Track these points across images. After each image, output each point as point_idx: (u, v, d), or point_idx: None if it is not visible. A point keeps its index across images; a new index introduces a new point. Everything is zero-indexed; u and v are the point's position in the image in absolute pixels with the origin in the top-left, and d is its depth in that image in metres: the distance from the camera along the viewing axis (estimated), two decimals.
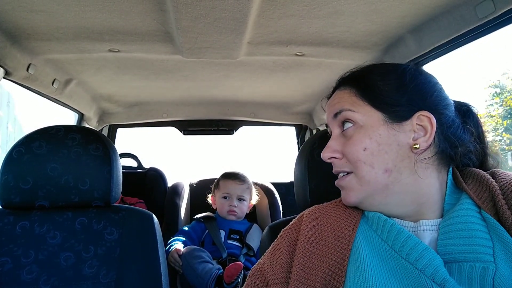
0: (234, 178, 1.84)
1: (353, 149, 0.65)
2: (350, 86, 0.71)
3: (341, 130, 0.70)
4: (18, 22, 1.07)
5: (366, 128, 0.65)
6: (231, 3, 0.94)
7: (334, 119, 0.71)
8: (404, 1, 0.96)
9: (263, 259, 0.72)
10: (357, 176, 0.66)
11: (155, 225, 1.05)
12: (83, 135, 1.05)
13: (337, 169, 0.70)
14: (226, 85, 1.82)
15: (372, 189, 0.65)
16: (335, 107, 0.71)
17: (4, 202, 1.00)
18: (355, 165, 0.65)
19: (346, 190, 0.68)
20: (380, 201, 0.66)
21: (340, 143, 0.69)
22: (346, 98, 0.70)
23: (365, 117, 0.66)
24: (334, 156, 0.69)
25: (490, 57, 24.03)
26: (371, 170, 0.64)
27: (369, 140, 0.64)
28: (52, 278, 0.95)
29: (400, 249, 0.61)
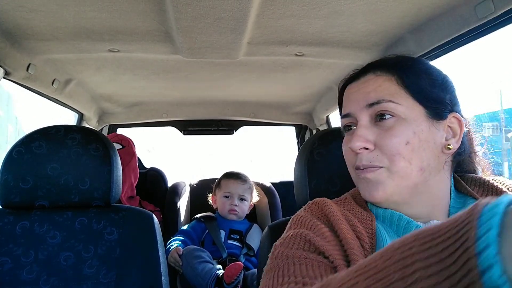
0: (235, 177, 1.85)
1: (393, 141, 0.60)
2: (391, 73, 0.65)
3: (373, 119, 0.64)
4: (18, 22, 1.07)
5: (408, 121, 0.61)
6: (231, 3, 0.94)
7: (367, 108, 0.64)
8: (404, 1, 0.96)
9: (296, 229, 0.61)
10: (390, 170, 0.61)
11: (155, 225, 1.05)
12: (83, 135, 1.05)
13: (366, 162, 0.62)
14: (226, 85, 1.82)
15: (403, 186, 0.61)
16: (370, 96, 0.64)
17: (4, 202, 1.01)
18: (392, 158, 0.60)
19: (374, 184, 0.62)
20: (403, 200, 0.63)
21: (373, 133, 0.62)
22: (385, 86, 0.64)
23: (408, 110, 0.62)
24: (366, 147, 0.62)
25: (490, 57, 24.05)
26: (408, 166, 0.60)
27: (412, 134, 0.60)
28: (52, 278, 0.95)
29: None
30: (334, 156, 0.92)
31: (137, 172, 1.85)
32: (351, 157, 0.66)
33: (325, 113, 2.15)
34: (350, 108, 0.67)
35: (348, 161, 0.68)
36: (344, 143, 0.70)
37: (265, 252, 0.93)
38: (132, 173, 1.78)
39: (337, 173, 0.91)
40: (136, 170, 1.84)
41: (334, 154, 0.92)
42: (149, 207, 1.86)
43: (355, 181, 0.68)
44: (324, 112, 2.14)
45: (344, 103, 0.70)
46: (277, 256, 0.57)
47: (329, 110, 2.10)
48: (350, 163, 0.67)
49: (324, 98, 2.03)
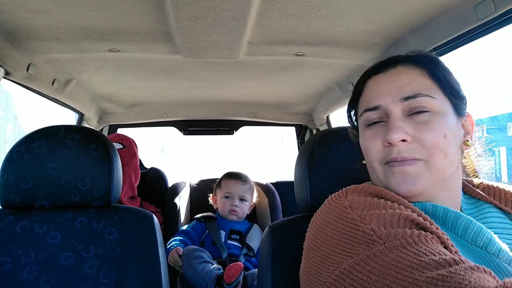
0: (236, 178, 1.85)
1: (433, 135, 0.60)
2: (420, 66, 0.64)
3: (405, 113, 0.63)
4: (18, 22, 1.07)
5: (443, 115, 0.62)
6: (231, 3, 0.94)
7: (401, 101, 0.62)
8: (404, 1, 0.96)
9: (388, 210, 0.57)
10: (428, 163, 0.60)
11: (155, 225, 1.05)
12: (83, 135, 1.05)
13: (406, 154, 0.61)
14: (226, 85, 1.82)
15: (438, 179, 0.61)
16: (405, 89, 0.63)
17: (4, 202, 1.00)
18: (431, 151, 0.60)
19: (412, 177, 0.61)
20: (435, 194, 0.63)
21: (410, 126, 0.61)
22: (419, 80, 0.63)
23: (441, 104, 0.62)
24: (405, 139, 0.61)
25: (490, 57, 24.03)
26: (444, 160, 0.60)
27: (448, 127, 0.61)
28: (52, 278, 0.95)
29: (462, 232, 0.58)
30: (334, 156, 0.92)
31: (138, 172, 1.84)
32: (379, 152, 0.64)
33: (325, 113, 2.15)
34: (380, 100, 0.64)
35: (374, 155, 0.65)
36: (366, 139, 0.67)
37: (265, 252, 0.93)
38: (132, 173, 1.78)
39: (337, 173, 0.91)
40: (137, 170, 1.84)
41: (334, 154, 0.92)
42: (150, 208, 1.85)
43: (383, 176, 0.64)
44: (324, 112, 2.14)
45: (370, 95, 0.67)
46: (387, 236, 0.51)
47: (329, 110, 2.10)
48: (377, 157, 0.64)
49: (324, 98, 2.03)
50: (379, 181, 0.66)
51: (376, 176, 0.66)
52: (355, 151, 0.91)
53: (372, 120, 0.66)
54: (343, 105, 1.93)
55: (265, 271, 0.90)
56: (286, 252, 0.88)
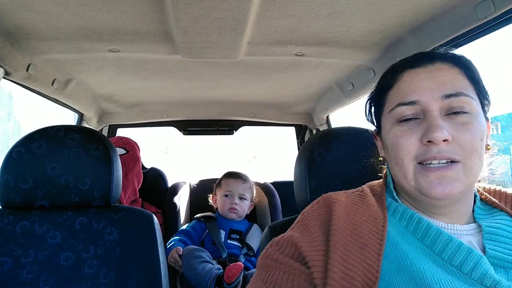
0: (236, 177, 1.86)
1: (472, 137, 0.58)
2: (459, 66, 0.62)
3: (443, 111, 0.61)
4: (18, 22, 1.07)
5: (479, 118, 0.60)
6: (231, 3, 0.94)
7: (442, 99, 0.60)
8: (404, 1, 0.96)
9: (290, 233, 0.65)
10: (465, 166, 0.59)
11: (155, 225, 1.05)
12: (83, 135, 1.05)
13: (445, 154, 0.58)
14: (226, 85, 1.82)
15: (471, 183, 0.60)
16: (446, 86, 0.60)
17: (4, 202, 1.00)
18: (469, 153, 0.58)
19: (449, 180, 0.58)
20: (462, 197, 0.62)
21: (449, 126, 0.59)
22: (460, 79, 0.61)
23: (477, 106, 0.61)
24: (447, 139, 0.58)
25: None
26: (479, 163, 0.60)
27: (483, 131, 0.60)
28: (52, 278, 0.95)
29: (440, 251, 0.58)
30: (334, 156, 0.92)
31: (140, 176, 1.84)
32: (413, 150, 0.61)
33: (325, 113, 2.15)
34: (419, 95, 0.61)
35: (407, 153, 0.62)
36: (399, 135, 0.63)
37: None
38: (135, 178, 1.78)
39: (337, 173, 0.91)
40: (140, 175, 1.84)
41: (334, 154, 0.92)
42: (151, 209, 1.85)
43: (413, 175, 0.62)
44: (324, 112, 2.14)
45: (407, 89, 0.64)
46: (268, 255, 0.63)
47: (329, 110, 2.10)
48: (411, 155, 0.61)
49: (324, 98, 2.03)
50: (407, 180, 0.63)
51: (403, 174, 0.63)
52: (354, 151, 0.91)
53: (405, 116, 0.63)
54: (343, 105, 1.93)
55: None
56: None
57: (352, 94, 1.70)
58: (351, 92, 1.69)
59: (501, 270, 0.58)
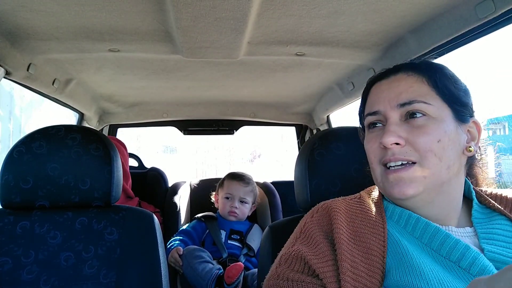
0: (239, 179, 1.84)
1: (426, 139, 0.62)
2: (421, 73, 0.67)
3: (402, 117, 0.65)
4: (18, 22, 1.07)
5: (439, 120, 0.64)
6: (231, 3, 0.94)
7: (398, 107, 0.65)
8: (404, 1, 0.96)
9: (296, 246, 0.67)
10: (422, 167, 0.62)
11: (155, 225, 1.05)
12: (84, 135, 1.05)
13: (399, 156, 0.63)
14: (226, 85, 1.82)
15: (433, 183, 0.63)
16: (401, 96, 0.65)
17: (5, 202, 1.00)
18: (424, 155, 0.62)
19: (407, 181, 0.63)
20: (429, 198, 0.65)
21: (404, 130, 0.64)
22: (416, 87, 0.65)
23: (438, 110, 0.64)
24: (398, 142, 0.63)
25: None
26: (439, 163, 0.62)
27: (443, 133, 0.63)
28: (52, 278, 0.95)
29: (438, 247, 0.61)
30: (334, 156, 0.92)
31: (127, 174, 1.83)
32: (377, 153, 0.67)
33: (326, 113, 2.15)
34: (379, 106, 0.68)
35: (374, 157, 0.68)
36: (367, 141, 0.70)
37: (265, 252, 0.93)
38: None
39: (337, 173, 0.91)
40: (127, 173, 1.83)
41: (334, 154, 0.92)
42: (149, 208, 1.85)
43: (380, 178, 0.67)
44: (324, 112, 2.14)
45: (372, 100, 0.70)
46: (279, 275, 0.64)
47: (329, 110, 2.10)
48: (375, 159, 0.67)
49: (324, 98, 2.03)
50: (377, 182, 0.69)
51: (375, 177, 0.69)
52: (355, 151, 0.91)
53: (372, 124, 0.69)
54: (343, 105, 1.93)
55: (265, 271, 0.90)
56: None
57: (353, 94, 1.70)
58: (351, 92, 1.69)
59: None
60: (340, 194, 0.82)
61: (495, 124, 3.98)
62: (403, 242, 0.62)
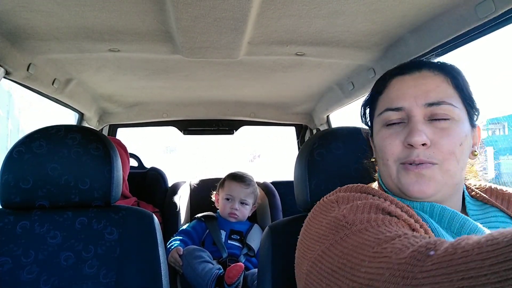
0: (239, 180, 1.83)
1: (450, 142, 0.62)
2: (445, 74, 0.66)
3: (426, 117, 0.64)
4: (18, 22, 1.07)
5: (460, 124, 0.64)
6: (231, 3, 0.94)
7: (425, 106, 0.64)
8: (404, 1, 0.96)
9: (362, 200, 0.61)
10: (442, 168, 0.63)
11: (155, 225, 1.05)
12: (83, 135, 1.05)
13: (423, 158, 0.62)
14: (226, 85, 1.82)
15: (450, 184, 0.64)
16: (430, 95, 0.64)
17: (4, 202, 1.00)
18: (446, 157, 0.62)
19: (426, 180, 0.63)
20: (444, 197, 0.65)
21: (429, 130, 0.63)
22: (443, 87, 0.65)
23: (460, 113, 0.64)
24: (425, 143, 0.62)
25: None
26: (457, 166, 0.63)
27: (464, 136, 0.64)
28: (52, 278, 0.95)
29: (458, 230, 0.61)
30: (334, 156, 0.92)
31: (125, 172, 1.83)
32: (397, 151, 0.65)
33: (325, 113, 2.15)
34: (404, 102, 0.66)
35: (391, 154, 0.66)
36: (384, 137, 0.67)
37: (265, 252, 0.93)
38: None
39: (337, 173, 0.91)
40: (125, 170, 1.82)
41: (334, 154, 0.92)
42: (148, 208, 1.85)
43: (395, 174, 0.66)
44: (324, 112, 2.14)
45: (394, 95, 0.68)
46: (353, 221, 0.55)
47: (329, 110, 2.10)
48: (393, 157, 0.66)
49: (324, 98, 2.03)
50: (391, 179, 0.67)
51: (388, 174, 0.67)
52: (355, 151, 0.91)
53: (392, 120, 0.67)
54: (343, 105, 1.93)
55: (265, 271, 0.90)
56: (286, 252, 0.87)
57: (353, 94, 1.70)
58: (351, 92, 1.69)
59: None
60: None
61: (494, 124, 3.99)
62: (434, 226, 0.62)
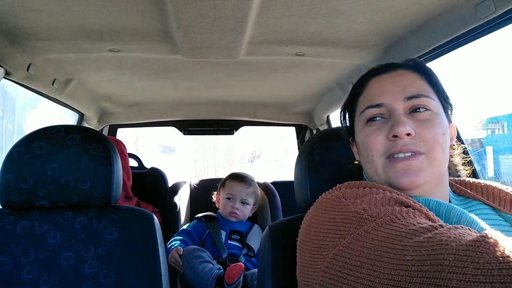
0: (240, 180, 1.83)
1: (434, 132, 0.65)
2: (418, 72, 0.70)
3: (407, 111, 0.67)
4: (18, 22, 1.07)
5: (440, 115, 0.68)
6: (231, 3, 0.94)
7: (404, 100, 0.67)
8: (404, 1, 0.96)
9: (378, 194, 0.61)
10: (429, 157, 0.65)
11: (155, 225, 1.05)
12: (83, 135, 1.05)
13: (410, 147, 0.65)
14: (226, 85, 1.82)
15: (437, 173, 0.66)
16: (408, 90, 0.68)
17: (4, 202, 1.00)
18: (432, 146, 0.65)
19: (415, 170, 0.64)
20: (431, 189, 0.67)
21: (412, 122, 0.66)
22: (419, 83, 0.69)
23: (438, 106, 0.68)
24: (410, 133, 0.65)
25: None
26: (443, 155, 0.66)
27: (445, 127, 0.67)
28: (52, 278, 0.95)
29: (456, 223, 0.61)
30: (334, 156, 0.92)
31: (128, 171, 1.84)
32: (382, 145, 0.67)
33: (326, 113, 2.15)
34: (384, 99, 0.69)
35: (377, 149, 0.68)
36: (368, 134, 0.69)
37: (265, 252, 0.93)
38: (124, 173, 1.78)
39: (337, 173, 0.91)
40: (128, 170, 1.83)
41: (334, 154, 0.92)
42: (148, 208, 1.85)
43: (382, 169, 0.67)
44: (325, 112, 2.14)
45: (373, 93, 0.71)
46: (378, 214, 0.54)
47: (329, 110, 2.10)
48: (378, 152, 0.68)
49: (324, 98, 2.03)
50: (377, 175, 0.69)
51: (374, 170, 0.69)
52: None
53: (374, 116, 0.70)
54: None
55: (265, 271, 0.90)
56: (286, 252, 0.87)
57: None
58: None
59: None
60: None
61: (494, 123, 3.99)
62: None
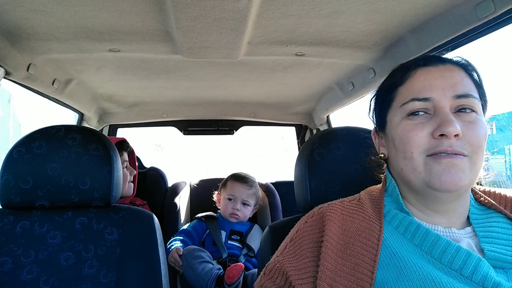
0: (242, 181, 1.82)
1: (479, 135, 0.61)
2: (466, 70, 0.66)
3: (452, 109, 0.63)
4: (18, 22, 1.07)
5: (482, 119, 0.64)
6: (231, 3, 0.94)
7: (453, 98, 0.62)
8: (404, 1, 0.96)
9: (281, 257, 0.68)
10: (471, 161, 0.61)
11: (155, 225, 1.05)
12: (83, 135, 1.05)
13: (456, 148, 0.60)
14: (226, 85, 1.82)
15: (473, 180, 0.62)
16: (458, 88, 0.63)
17: (4, 202, 1.01)
18: (476, 150, 0.61)
19: (458, 170, 0.60)
20: (462, 194, 0.64)
21: (459, 122, 0.61)
22: (468, 82, 0.65)
23: (481, 108, 0.65)
24: (458, 134, 0.60)
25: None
26: (482, 161, 0.62)
27: (486, 132, 0.63)
28: (52, 278, 0.95)
29: (439, 256, 0.60)
30: (334, 156, 0.92)
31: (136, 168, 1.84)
32: (424, 142, 0.62)
33: (325, 113, 2.15)
34: (432, 93, 0.63)
35: (417, 146, 0.63)
36: (409, 128, 0.64)
37: (265, 253, 0.93)
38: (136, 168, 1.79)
39: (337, 173, 0.91)
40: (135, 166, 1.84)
41: (334, 154, 0.92)
42: (138, 201, 1.84)
43: (422, 166, 0.62)
44: (324, 112, 2.14)
45: (420, 86, 0.65)
46: (262, 285, 0.69)
47: (329, 110, 2.10)
48: (419, 149, 0.62)
49: (324, 98, 2.03)
50: (415, 173, 0.63)
51: (412, 167, 0.63)
52: (355, 151, 0.91)
53: (417, 111, 0.64)
54: (343, 105, 1.93)
55: None
56: None
57: (353, 94, 1.70)
58: (351, 92, 1.69)
59: (501, 271, 0.59)
60: (340, 194, 0.81)
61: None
62: (401, 254, 0.61)
